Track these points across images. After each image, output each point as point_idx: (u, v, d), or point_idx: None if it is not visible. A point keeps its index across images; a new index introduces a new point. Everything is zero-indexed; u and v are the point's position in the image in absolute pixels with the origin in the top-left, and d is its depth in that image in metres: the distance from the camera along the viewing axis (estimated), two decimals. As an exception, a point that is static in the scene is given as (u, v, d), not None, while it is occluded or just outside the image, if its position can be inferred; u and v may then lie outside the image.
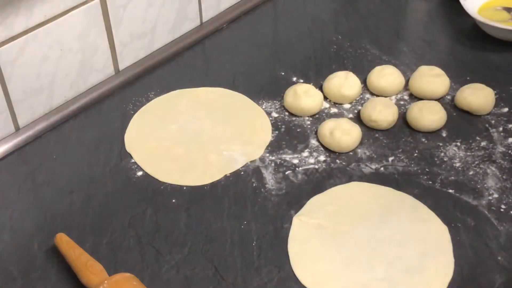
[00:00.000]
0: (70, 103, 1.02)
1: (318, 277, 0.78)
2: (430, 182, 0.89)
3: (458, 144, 0.95)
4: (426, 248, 0.81)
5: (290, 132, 0.98)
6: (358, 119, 0.99)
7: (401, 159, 0.93)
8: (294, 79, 1.07)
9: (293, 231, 0.83)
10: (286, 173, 0.91)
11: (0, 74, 0.92)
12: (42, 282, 0.79)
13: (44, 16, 0.93)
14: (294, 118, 1.00)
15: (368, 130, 0.98)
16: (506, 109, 1.00)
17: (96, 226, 0.85)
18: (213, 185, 0.90)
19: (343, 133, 0.93)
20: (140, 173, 0.92)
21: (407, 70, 1.08)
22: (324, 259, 0.80)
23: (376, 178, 0.90)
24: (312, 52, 1.14)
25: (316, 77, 1.07)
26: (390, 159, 0.93)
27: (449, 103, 1.01)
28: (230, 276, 0.79)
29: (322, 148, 0.95)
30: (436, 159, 0.93)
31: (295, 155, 0.94)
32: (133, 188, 0.90)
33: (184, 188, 0.90)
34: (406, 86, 1.05)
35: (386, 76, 1.03)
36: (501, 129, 0.97)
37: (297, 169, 0.92)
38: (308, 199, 0.87)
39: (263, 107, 1.02)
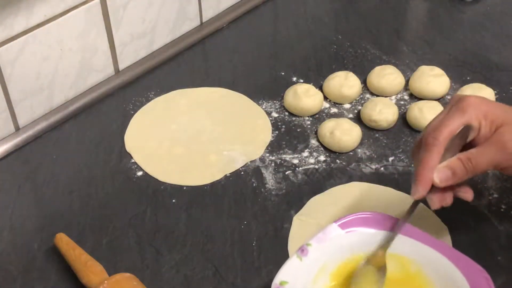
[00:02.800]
0: (70, 103, 1.02)
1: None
2: (430, 182, 0.89)
3: (458, 144, 0.95)
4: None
5: (290, 132, 0.98)
6: (358, 119, 0.99)
7: (401, 159, 0.93)
8: (294, 79, 1.07)
9: (293, 231, 0.83)
10: (286, 173, 0.91)
11: (0, 74, 0.92)
12: (42, 282, 0.79)
13: (44, 16, 0.93)
14: (294, 118, 1.00)
15: (368, 130, 0.98)
16: (506, 109, 1.00)
17: (96, 226, 0.85)
18: (213, 185, 0.90)
19: (343, 133, 0.93)
20: (140, 173, 0.92)
21: (407, 70, 1.08)
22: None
23: (376, 178, 0.90)
24: (312, 52, 1.14)
25: (316, 77, 1.07)
26: (390, 159, 0.93)
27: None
28: (230, 276, 0.79)
29: (322, 148, 0.95)
30: (436, 159, 0.93)
31: (295, 155, 0.94)
32: (133, 188, 0.90)
33: (184, 188, 0.90)
34: (406, 86, 1.05)
35: (386, 76, 1.03)
36: (501, 129, 0.97)
37: (297, 169, 0.92)
38: (308, 199, 0.87)
39: (263, 107, 1.02)
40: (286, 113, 1.01)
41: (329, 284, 0.73)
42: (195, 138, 0.97)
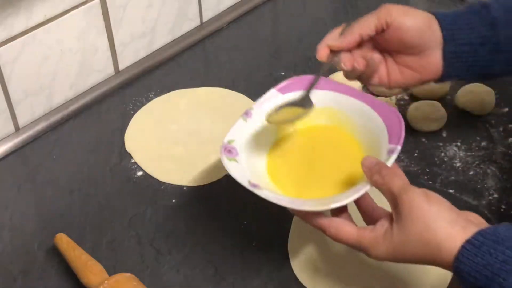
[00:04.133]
0: (70, 103, 1.02)
1: (318, 277, 0.78)
2: (430, 182, 0.89)
3: (458, 144, 0.95)
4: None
5: (290, 132, 0.98)
6: (358, 119, 0.99)
7: (401, 159, 0.93)
8: (294, 79, 1.07)
9: (293, 231, 0.83)
10: (286, 173, 0.91)
11: (0, 74, 0.92)
12: (42, 282, 0.79)
13: (44, 16, 0.93)
14: (294, 118, 1.00)
15: (368, 130, 0.97)
16: (506, 109, 1.00)
17: (96, 226, 0.85)
18: (213, 185, 0.90)
19: (343, 133, 0.93)
20: (140, 173, 0.92)
21: (407, 70, 1.08)
22: (324, 259, 0.80)
23: (376, 178, 0.90)
24: (312, 52, 1.13)
25: (316, 77, 1.07)
26: (390, 159, 0.93)
27: (449, 103, 1.01)
28: (230, 276, 0.79)
29: (322, 148, 0.95)
30: (436, 159, 0.93)
31: (295, 155, 0.94)
32: (133, 188, 0.90)
33: (184, 188, 0.90)
34: (406, 86, 1.05)
35: (386, 76, 1.03)
36: (501, 129, 0.97)
37: (297, 169, 0.92)
38: (308, 199, 0.87)
39: (263, 107, 1.02)
40: (286, 113, 1.01)
41: (270, 139, 0.79)
42: (195, 138, 0.97)
